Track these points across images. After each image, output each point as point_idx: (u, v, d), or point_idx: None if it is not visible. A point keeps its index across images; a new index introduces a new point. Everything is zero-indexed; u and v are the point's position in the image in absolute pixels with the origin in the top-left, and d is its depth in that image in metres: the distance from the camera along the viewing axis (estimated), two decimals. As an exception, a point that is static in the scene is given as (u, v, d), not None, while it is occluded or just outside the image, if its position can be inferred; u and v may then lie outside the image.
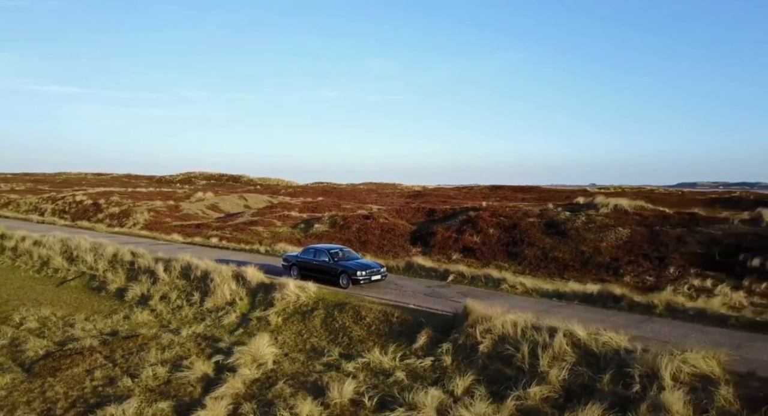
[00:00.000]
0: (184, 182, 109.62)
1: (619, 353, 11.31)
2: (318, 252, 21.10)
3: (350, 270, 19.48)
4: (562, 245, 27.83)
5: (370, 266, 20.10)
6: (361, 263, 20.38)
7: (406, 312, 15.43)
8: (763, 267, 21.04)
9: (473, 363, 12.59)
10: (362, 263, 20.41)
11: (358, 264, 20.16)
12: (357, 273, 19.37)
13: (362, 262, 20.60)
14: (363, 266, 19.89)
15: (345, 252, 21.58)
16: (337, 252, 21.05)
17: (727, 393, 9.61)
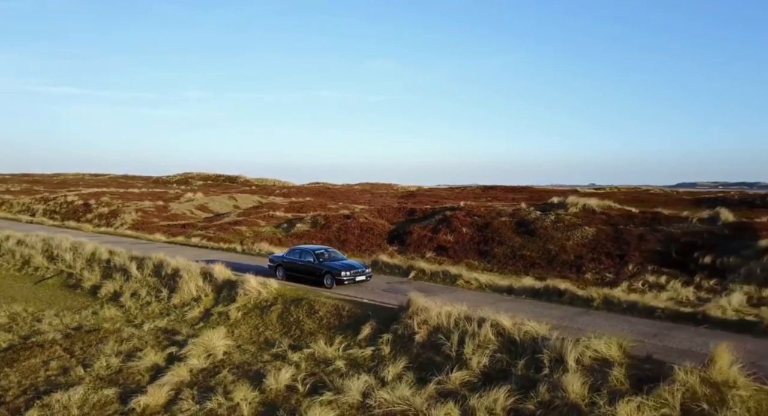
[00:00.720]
0: (180, 183, 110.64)
1: (537, 341, 12.39)
2: (303, 252, 21.44)
3: (334, 271, 19.82)
4: (531, 243, 28.90)
5: (354, 267, 20.48)
6: (345, 264, 20.70)
7: (357, 306, 16.52)
8: (714, 264, 22.08)
9: (408, 352, 13.68)
10: (347, 264, 20.75)
11: (342, 264, 20.45)
12: (341, 273, 19.68)
13: (347, 263, 20.95)
14: (347, 267, 20.22)
15: (330, 252, 21.90)
16: (323, 253, 21.37)
17: (620, 373, 10.70)
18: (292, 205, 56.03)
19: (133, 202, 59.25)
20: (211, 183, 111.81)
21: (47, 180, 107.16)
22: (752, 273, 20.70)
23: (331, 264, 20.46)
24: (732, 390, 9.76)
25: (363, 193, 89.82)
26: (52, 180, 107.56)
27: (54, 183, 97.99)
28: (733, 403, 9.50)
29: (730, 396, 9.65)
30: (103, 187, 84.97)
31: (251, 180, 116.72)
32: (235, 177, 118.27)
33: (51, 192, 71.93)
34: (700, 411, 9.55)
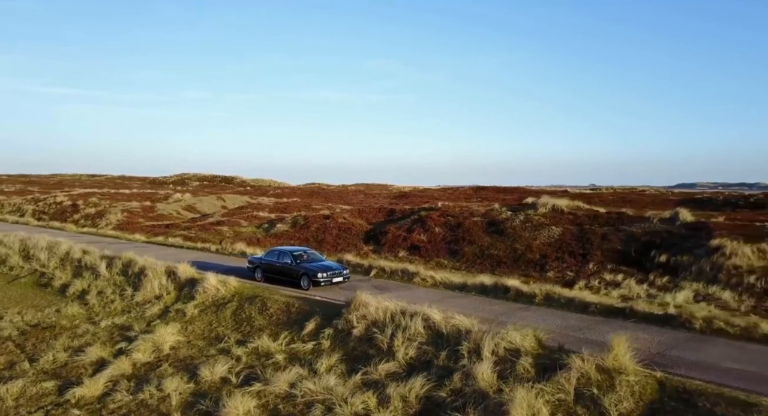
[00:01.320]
0: (177, 183, 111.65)
1: (461, 333, 13.27)
2: (281, 254, 21.52)
3: (311, 273, 19.89)
4: (499, 243, 29.79)
5: (331, 268, 20.51)
6: (323, 265, 20.70)
7: (307, 304, 17.43)
8: (668, 263, 22.94)
9: (346, 345, 14.59)
10: (324, 265, 20.75)
11: (319, 266, 20.48)
12: (318, 275, 19.77)
13: (324, 264, 20.93)
14: (324, 268, 20.26)
15: (309, 254, 21.95)
16: (301, 254, 21.45)
17: (527, 362, 11.60)
18: (277, 205, 56.99)
19: (121, 202, 60.23)
20: (207, 183, 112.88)
21: (44, 181, 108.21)
22: (702, 271, 21.56)
23: (308, 265, 20.50)
24: (621, 376, 10.66)
25: (357, 193, 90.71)
26: (49, 181, 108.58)
27: (50, 184, 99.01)
28: (620, 387, 10.40)
29: (618, 381, 10.54)
30: (100, 187, 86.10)
31: (247, 180, 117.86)
32: (232, 177, 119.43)
33: (43, 192, 72.99)
34: (590, 395, 10.44)
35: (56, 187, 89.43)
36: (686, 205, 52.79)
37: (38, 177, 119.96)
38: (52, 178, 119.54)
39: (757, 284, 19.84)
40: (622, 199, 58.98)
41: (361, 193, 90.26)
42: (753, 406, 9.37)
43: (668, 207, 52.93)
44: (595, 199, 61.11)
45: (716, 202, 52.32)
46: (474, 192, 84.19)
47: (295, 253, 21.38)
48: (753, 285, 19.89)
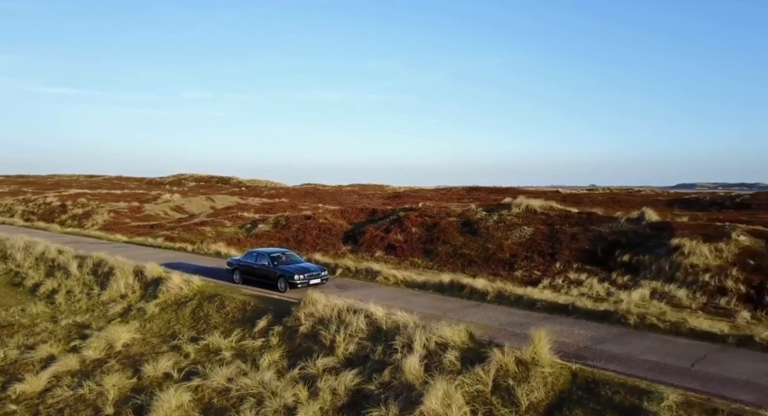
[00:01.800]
0: (173, 184, 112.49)
1: (399, 329, 13.88)
2: (259, 255, 21.45)
3: (288, 275, 19.84)
4: (472, 242, 30.39)
5: (309, 270, 20.42)
6: (300, 267, 20.58)
7: (262, 302, 18.05)
8: (630, 262, 23.52)
9: (293, 342, 15.21)
10: (302, 267, 20.63)
11: (297, 268, 20.40)
12: (294, 277, 19.73)
13: (302, 266, 20.81)
14: (302, 270, 20.20)
15: (288, 255, 21.82)
16: (279, 256, 21.34)
17: (453, 356, 12.22)
18: (263, 205, 57.63)
19: (110, 202, 60.96)
20: (204, 184, 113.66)
21: (41, 181, 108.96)
22: (661, 270, 22.15)
23: (285, 267, 20.41)
24: (537, 367, 11.27)
25: (350, 194, 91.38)
26: (46, 181, 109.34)
27: (47, 184, 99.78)
28: (534, 378, 11.01)
29: (533, 372, 11.15)
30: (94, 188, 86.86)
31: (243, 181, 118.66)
32: (228, 178, 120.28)
33: (36, 193, 73.78)
34: (506, 385, 11.06)
35: (53, 187, 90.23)
36: (674, 205, 53.66)
37: (36, 177, 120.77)
38: (50, 178, 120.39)
39: (711, 282, 20.43)
40: (611, 199, 59.68)
41: (355, 194, 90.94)
42: (649, 393, 9.98)
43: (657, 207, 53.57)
44: (585, 199, 61.92)
45: (703, 202, 53.07)
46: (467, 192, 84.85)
47: (273, 255, 21.33)
48: (707, 283, 20.48)
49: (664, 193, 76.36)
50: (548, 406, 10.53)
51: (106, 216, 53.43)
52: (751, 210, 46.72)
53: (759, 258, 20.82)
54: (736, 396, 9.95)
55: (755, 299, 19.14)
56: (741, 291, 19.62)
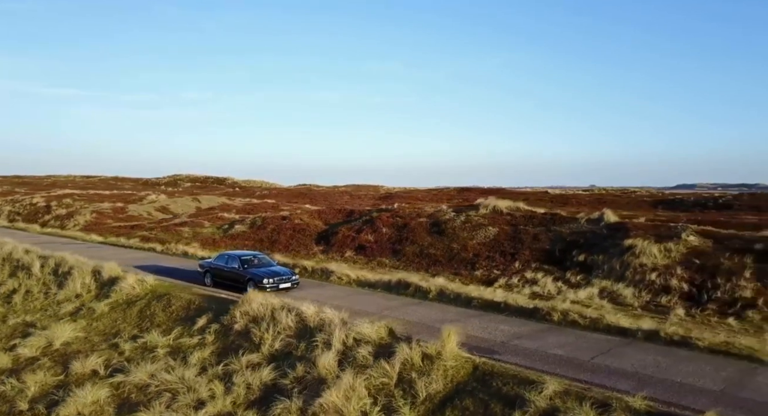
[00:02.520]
0: (169, 184, 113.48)
1: (325, 325, 14.50)
2: (230, 258, 21.42)
3: (257, 278, 19.79)
4: (438, 242, 31.01)
5: (278, 274, 20.29)
6: (270, 271, 20.49)
7: (206, 301, 18.68)
8: (585, 261, 24.11)
9: (226, 339, 15.84)
10: (271, 271, 20.53)
11: (266, 271, 20.34)
12: (263, 280, 19.64)
13: (273, 270, 20.72)
14: (271, 274, 20.11)
15: (260, 258, 21.78)
16: (251, 259, 21.31)
17: (366, 351, 12.86)
18: (246, 206, 58.30)
19: (95, 203, 61.74)
20: (200, 184, 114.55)
21: (37, 181, 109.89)
22: (613, 269, 22.75)
23: (254, 271, 20.39)
24: (441, 361, 11.89)
25: (343, 194, 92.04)
26: (42, 182, 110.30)
27: (43, 185, 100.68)
28: (435, 372, 11.63)
29: (436, 366, 11.77)
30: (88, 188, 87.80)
31: (239, 181, 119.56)
32: (224, 178, 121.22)
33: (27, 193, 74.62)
34: (409, 378, 11.68)
35: (47, 187, 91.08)
36: (659, 205, 54.32)
37: (32, 178, 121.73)
38: (46, 179, 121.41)
39: (656, 281, 21.03)
40: (598, 200, 60.31)
41: (348, 195, 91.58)
42: (535, 383, 10.60)
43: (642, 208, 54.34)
44: (572, 200, 62.60)
45: (686, 202, 53.82)
46: (458, 193, 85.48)
47: (244, 258, 21.26)
48: (653, 282, 21.08)
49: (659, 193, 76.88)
50: (444, 397, 11.15)
51: (88, 217, 54.14)
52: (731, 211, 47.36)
53: (704, 257, 21.40)
54: (614, 384, 10.62)
55: (695, 297, 19.73)
56: (683, 290, 20.23)
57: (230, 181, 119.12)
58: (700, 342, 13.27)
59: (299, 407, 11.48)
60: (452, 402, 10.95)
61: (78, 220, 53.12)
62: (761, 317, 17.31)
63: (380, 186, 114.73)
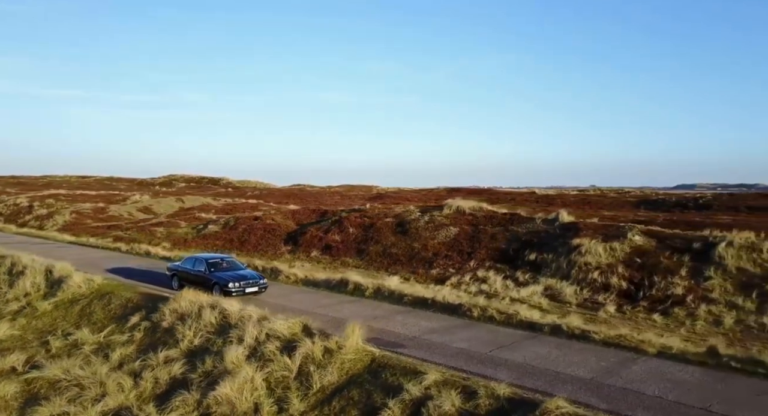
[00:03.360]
0: (164, 184, 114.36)
1: (243, 322, 15.01)
2: (197, 261, 21.05)
3: (222, 282, 19.40)
4: (401, 242, 31.54)
5: (245, 277, 19.88)
6: (236, 274, 20.09)
7: (145, 299, 19.20)
8: (535, 260, 24.62)
9: (154, 335, 16.38)
10: (239, 274, 20.14)
11: (232, 275, 19.90)
12: (229, 285, 19.21)
13: (240, 274, 20.32)
14: (237, 278, 19.70)
15: (228, 261, 21.44)
16: (217, 262, 20.95)
17: (274, 346, 13.38)
18: (225, 207, 58.91)
19: (77, 203, 62.47)
20: (194, 185, 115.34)
21: (31, 182, 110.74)
22: (560, 268, 23.25)
23: (220, 274, 20.00)
24: (341, 355, 12.42)
25: (334, 194, 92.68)
26: (37, 182, 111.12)
27: (38, 185, 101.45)
28: (333, 364, 12.17)
29: (335, 359, 12.30)
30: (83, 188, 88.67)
31: (233, 182, 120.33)
32: (219, 179, 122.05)
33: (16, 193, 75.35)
34: (308, 371, 12.21)
35: (41, 188, 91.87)
36: (641, 205, 54.87)
37: (28, 178, 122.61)
38: (42, 179, 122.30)
39: (599, 279, 21.54)
40: (583, 200, 60.91)
41: (338, 195, 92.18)
42: (419, 373, 11.14)
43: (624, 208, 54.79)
44: (557, 200, 63.11)
45: (668, 203, 54.44)
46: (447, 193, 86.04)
47: (211, 261, 20.87)
48: (595, 280, 21.59)
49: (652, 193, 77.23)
50: (335, 388, 11.68)
51: (67, 217, 54.85)
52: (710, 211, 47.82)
53: (646, 256, 21.89)
54: (495, 374, 11.24)
55: (632, 295, 20.24)
56: (622, 288, 20.74)
57: (225, 182, 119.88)
58: (597, 336, 13.79)
59: (196, 399, 12.01)
60: (341, 392, 11.47)
61: (57, 221, 53.82)
62: (686, 313, 17.82)
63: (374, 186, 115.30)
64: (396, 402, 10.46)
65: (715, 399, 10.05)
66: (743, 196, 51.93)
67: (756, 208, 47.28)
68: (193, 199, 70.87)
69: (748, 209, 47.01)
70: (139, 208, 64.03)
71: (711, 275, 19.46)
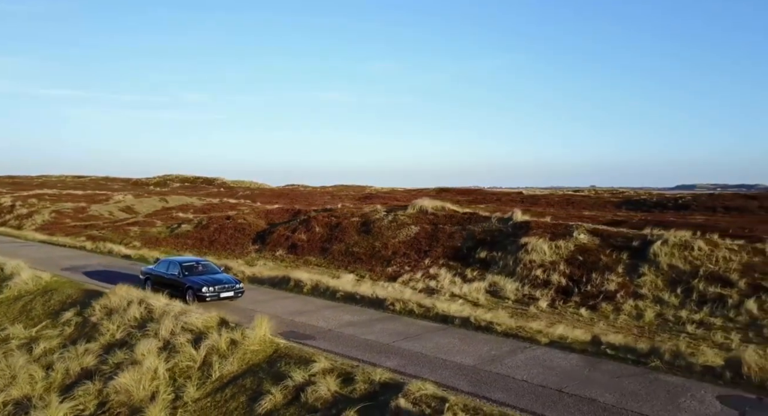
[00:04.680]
0: (159, 184, 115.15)
1: (165, 316, 15.55)
2: (171, 265, 20.38)
3: (196, 286, 18.64)
4: (363, 241, 32.08)
5: (220, 282, 19.10)
6: (212, 279, 19.31)
7: (85, 295, 19.76)
8: (485, 258, 25.13)
9: (83, 330, 16.93)
10: (214, 279, 19.36)
11: (207, 279, 19.14)
12: (202, 289, 18.45)
13: (215, 277, 19.52)
14: (212, 282, 18.95)
15: (203, 265, 20.73)
16: (192, 266, 20.22)
17: (184, 338, 13.91)
18: (205, 206, 59.50)
19: (60, 203, 63.28)
20: (189, 185, 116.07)
21: (27, 181, 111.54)
22: (506, 265, 23.76)
23: (194, 279, 19.19)
24: (245, 346, 12.97)
25: (324, 194, 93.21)
26: (32, 181, 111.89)
27: (33, 184, 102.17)
28: (235, 355, 12.72)
29: (238, 350, 12.85)
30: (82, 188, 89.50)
31: (228, 182, 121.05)
32: (213, 179, 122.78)
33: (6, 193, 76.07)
34: (211, 361, 12.75)
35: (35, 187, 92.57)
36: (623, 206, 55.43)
37: (24, 178, 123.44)
38: (37, 179, 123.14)
39: (541, 276, 22.05)
40: (567, 200, 61.43)
41: (329, 195, 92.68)
42: (310, 362, 11.71)
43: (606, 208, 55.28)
44: (542, 200, 63.60)
45: (649, 203, 55.07)
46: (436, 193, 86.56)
47: (185, 264, 20.13)
48: (537, 276, 22.10)
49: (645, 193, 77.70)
50: (233, 377, 12.22)
51: (46, 217, 55.60)
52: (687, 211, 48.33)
53: (588, 254, 22.39)
54: (385, 363, 11.86)
55: (569, 291, 20.75)
56: (561, 284, 21.24)
57: (219, 182, 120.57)
58: (499, 327, 14.32)
59: (98, 389, 12.55)
60: (236, 381, 12.00)
61: (35, 220, 54.54)
62: (613, 308, 18.34)
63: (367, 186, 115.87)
64: (280, 389, 10.99)
65: (574, 381, 10.63)
66: (721, 196, 52.45)
67: (732, 208, 47.84)
68: (178, 199, 71.49)
69: (725, 209, 47.58)
70: (121, 207, 64.66)
71: (644, 272, 19.95)
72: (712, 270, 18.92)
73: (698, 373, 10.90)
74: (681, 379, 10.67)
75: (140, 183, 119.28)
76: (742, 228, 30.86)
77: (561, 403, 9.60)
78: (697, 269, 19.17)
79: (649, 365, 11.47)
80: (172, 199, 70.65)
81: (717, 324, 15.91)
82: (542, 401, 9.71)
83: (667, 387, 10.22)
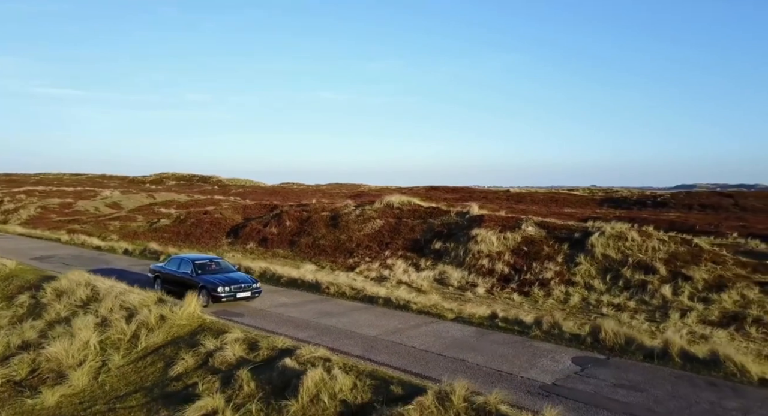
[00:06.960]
0: (155, 182, 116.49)
1: (108, 296, 16.68)
2: (183, 262, 19.45)
3: (210, 286, 17.73)
4: (330, 234, 33.20)
5: (236, 281, 18.11)
6: (228, 277, 18.41)
7: (42, 280, 20.88)
8: (439, 249, 26.24)
9: (34, 311, 18.06)
10: (230, 277, 18.44)
11: (221, 278, 18.24)
12: (218, 289, 17.55)
13: (231, 277, 18.58)
14: (227, 281, 18.01)
15: (218, 263, 19.85)
16: (205, 264, 19.35)
17: (119, 314, 15.04)
18: (188, 202, 60.67)
19: (48, 199, 64.66)
20: (184, 183, 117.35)
21: (24, 179, 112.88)
22: (457, 256, 24.86)
23: (209, 278, 18.27)
24: (172, 321, 14.13)
25: (316, 193, 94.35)
26: (29, 179, 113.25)
27: (29, 182, 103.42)
28: (161, 328, 13.88)
29: (166, 324, 13.97)
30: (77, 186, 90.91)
31: (223, 180, 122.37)
32: (209, 177, 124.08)
33: None
34: (139, 334, 13.88)
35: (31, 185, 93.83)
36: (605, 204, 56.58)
37: (21, 175, 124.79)
38: (34, 177, 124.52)
39: (486, 265, 23.14)
40: (551, 198, 62.57)
41: (320, 192, 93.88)
42: (225, 333, 12.78)
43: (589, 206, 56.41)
44: (528, 198, 64.76)
45: (629, 201, 56.26)
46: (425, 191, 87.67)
47: (198, 262, 19.21)
48: (483, 266, 23.19)
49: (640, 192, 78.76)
50: (157, 347, 13.34)
51: (32, 212, 56.95)
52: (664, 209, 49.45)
53: (532, 245, 23.48)
54: (297, 335, 12.99)
55: (511, 278, 21.85)
56: (504, 273, 22.33)
57: (215, 179, 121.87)
58: (414, 306, 15.47)
59: (32, 358, 13.67)
60: (159, 350, 13.12)
61: (21, 215, 55.86)
62: (544, 293, 19.44)
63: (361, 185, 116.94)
64: (192, 354, 12.11)
65: (457, 348, 11.89)
66: (698, 194, 53.58)
67: (707, 205, 48.98)
68: (165, 196, 72.73)
69: (701, 207, 48.73)
70: (107, 203, 65.88)
71: (581, 261, 21.04)
72: (640, 259, 20.00)
73: (566, 340, 12.07)
74: (551, 345, 11.85)
75: (136, 181, 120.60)
76: (709, 225, 32.01)
77: (433, 363, 10.75)
78: (627, 258, 20.26)
79: (530, 335, 12.60)
80: (159, 196, 71.93)
81: (630, 307, 17.01)
82: (418, 361, 10.86)
83: (534, 351, 11.39)
